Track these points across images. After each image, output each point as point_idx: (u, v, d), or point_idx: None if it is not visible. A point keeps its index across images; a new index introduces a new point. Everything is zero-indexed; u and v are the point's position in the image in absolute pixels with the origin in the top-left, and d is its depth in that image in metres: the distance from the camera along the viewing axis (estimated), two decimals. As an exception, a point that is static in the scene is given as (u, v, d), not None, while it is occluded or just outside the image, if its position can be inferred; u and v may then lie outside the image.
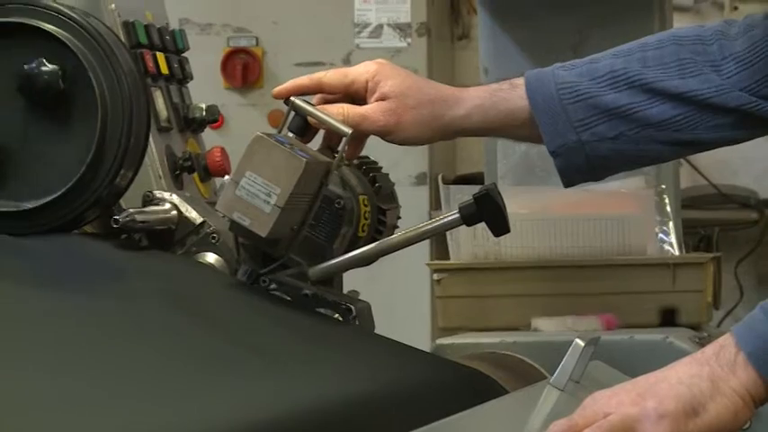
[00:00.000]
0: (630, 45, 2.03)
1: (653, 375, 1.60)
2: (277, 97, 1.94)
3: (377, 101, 1.93)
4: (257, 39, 4.05)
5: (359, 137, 1.91)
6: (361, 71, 1.96)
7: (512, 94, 2.00)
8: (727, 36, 1.96)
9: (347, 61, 3.97)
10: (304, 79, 1.95)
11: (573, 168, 2.01)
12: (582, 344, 1.73)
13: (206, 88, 2.30)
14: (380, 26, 4.02)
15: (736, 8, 5.02)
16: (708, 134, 1.99)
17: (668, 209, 2.66)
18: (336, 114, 1.89)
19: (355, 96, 1.96)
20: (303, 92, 1.94)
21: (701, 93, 1.94)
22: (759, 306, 1.59)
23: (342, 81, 1.95)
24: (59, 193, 1.65)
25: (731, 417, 1.56)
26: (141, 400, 1.28)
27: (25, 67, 1.64)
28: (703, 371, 1.56)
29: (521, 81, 2.00)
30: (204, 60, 2.52)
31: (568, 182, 2.04)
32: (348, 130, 1.87)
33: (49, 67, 1.63)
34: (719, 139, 2.01)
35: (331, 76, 1.95)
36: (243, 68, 4.01)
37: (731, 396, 1.54)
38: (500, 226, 1.95)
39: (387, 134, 1.94)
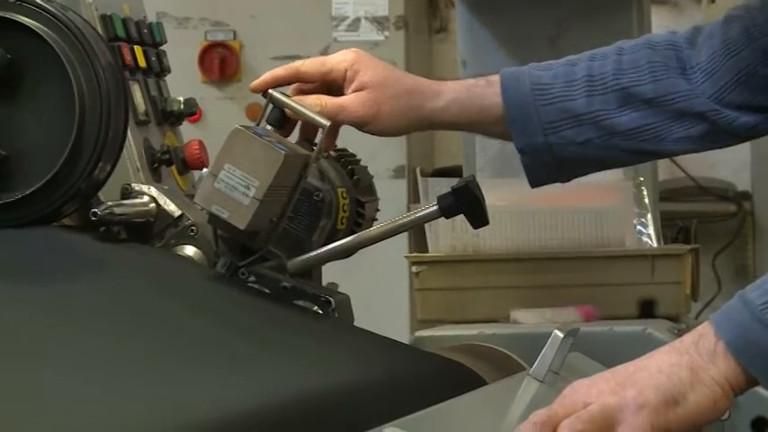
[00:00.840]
0: (607, 49, 2.05)
1: (632, 364, 1.61)
2: (255, 91, 1.93)
3: (355, 91, 1.93)
4: (235, 32, 4.06)
5: (335, 127, 1.90)
6: (339, 60, 1.96)
7: (487, 90, 2.00)
8: (693, 44, 1.99)
9: (325, 54, 3.97)
10: (280, 70, 1.94)
11: (539, 168, 2.03)
12: (561, 335, 1.73)
13: (184, 82, 2.29)
14: (358, 19, 4.03)
15: (713, 1, 5.02)
16: (671, 146, 2.03)
17: (646, 201, 2.67)
18: (314, 105, 1.89)
19: (332, 86, 1.95)
20: (281, 83, 1.94)
21: (670, 98, 1.96)
22: (737, 295, 1.60)
23: (319, 70, 1.95)
24: (38, 185, 1.65)
25: (711, 406, 1.56)
26: (123, 389, 1.28)
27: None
28: (683, 360, 1.56)
29: (496, 78, 2.00)
30: (182, 54, 2.52)
31: (534, 180, 2.05)
32: (326, 122, 1.86)
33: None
34: (680, 151, 2.06)
35: (308, 65, 1.95)
36: (220, 62, 4.02)
37: (711, 385, 1.55)
38: (479, 218, 1.95)
39: (365, 125, 1.94)
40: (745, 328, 1.55)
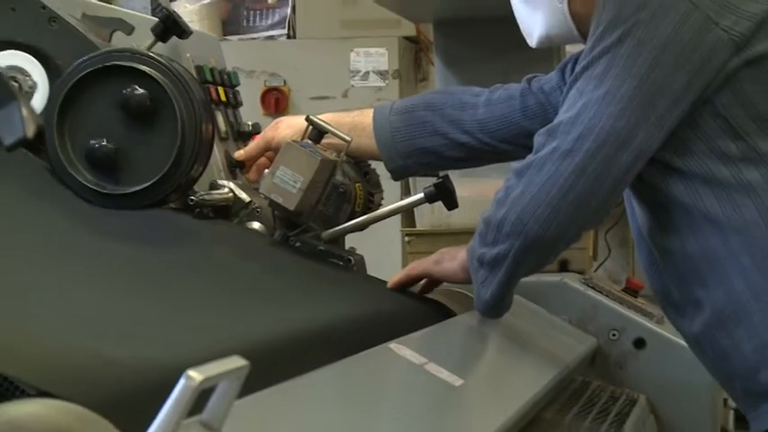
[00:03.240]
0: (437, 98, 2.06)
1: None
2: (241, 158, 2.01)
3: None
4: (285, 80, 4.04)
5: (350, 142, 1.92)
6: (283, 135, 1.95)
7: (362, 134, 1.99)
8: (489, 101, 2.00)
9: (345, 95, 3.97)
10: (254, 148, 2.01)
11: (398, 176, 2.07)
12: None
13: (250, 113, 2.29)
14: (368, 72, 4.01)
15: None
16: (477, 165, 2.13)
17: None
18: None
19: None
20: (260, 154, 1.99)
21: (469, 137, 1.97)
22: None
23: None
24: (153, 180, 1.64)
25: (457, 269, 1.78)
26: (211, 315, 1.28)
27: (123, 91, 1.64)
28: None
29: (370, 120, 2.01)
30: (249, 94, 2.51)
31: (397, 179, 2.12)
32: (349, 138, 1.86)
33: (139, 91, 1.63)
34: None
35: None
36: (275, 100, 4.00)
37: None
38: (451, 203, 1.95)
39: None
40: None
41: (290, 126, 1.95)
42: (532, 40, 1.86)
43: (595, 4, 1.70)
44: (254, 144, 1.99)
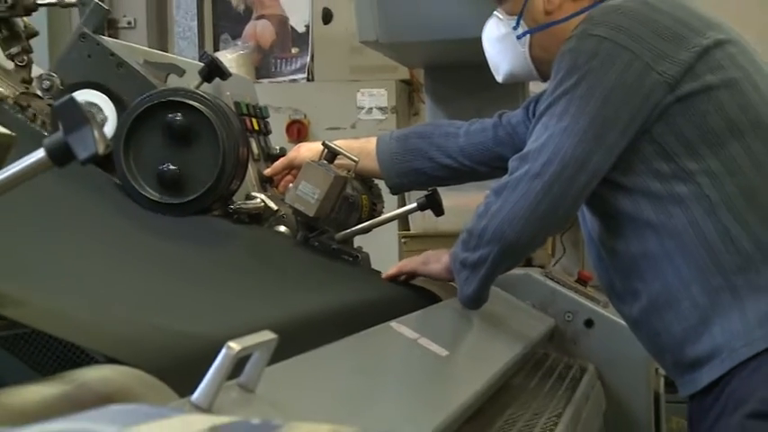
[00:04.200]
0: (427, 129, 2.07)
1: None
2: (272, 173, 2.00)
3: None
4: (305, 114, 4.03)
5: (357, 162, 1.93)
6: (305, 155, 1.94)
7: (367, 157, 1.99)
8: (468, 131, 2.00)
9: (353, 126, 3.97)
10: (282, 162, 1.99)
11: (396, 191, 2.08)
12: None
13: (277, 140, 2.28)
14: (371, 108, 4.01)
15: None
16: (458, 183, 2.08)
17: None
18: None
19: None
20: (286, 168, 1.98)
21: (452, 161, 1.98)
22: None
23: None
24: (199, 193, 1.63)
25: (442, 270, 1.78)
26: (244, 300, 1.27)
27: (167, 116, 1.64)
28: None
29: (373, 146, 2.02)
30: (277, 125, 2.51)
31: (395, 194, 2.12)
32: (356, 159, 1.85)
33: (181, 119, 1.62)
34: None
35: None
36: (297, 130, 3.99)
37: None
38: (439, 212, 1.95)
39: None
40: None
41: (309, 149, 1.94)
42: (499, 77, 1.86)
43: (551, 51, 1.71)
44: (280, 163, 1.98)
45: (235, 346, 0.71)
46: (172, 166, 1.64)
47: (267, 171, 1.99)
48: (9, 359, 0.85)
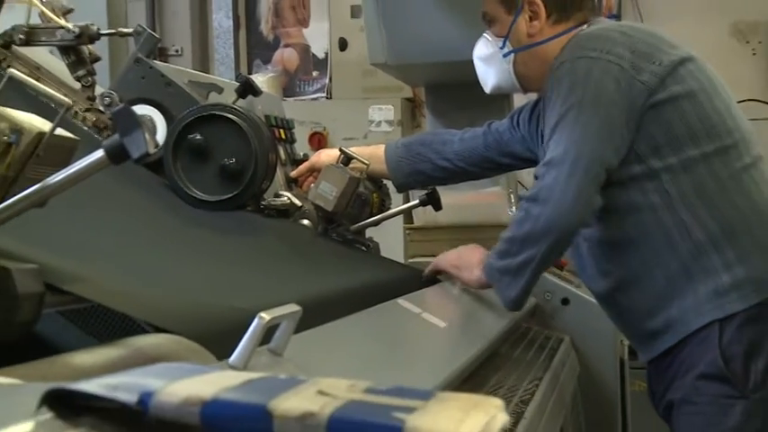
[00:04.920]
0: (427, 137, 2.04)
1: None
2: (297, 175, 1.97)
3: None
4: (324, 127, 4.01)
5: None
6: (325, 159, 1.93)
7: (378, 161, 1.96)
8: (462, 138, 1.97)
9: (365, 137, 3.94)
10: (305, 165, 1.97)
11: (402, 190, 2.05)
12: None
13: (301, 148, 2.27)
14: (380, 122, 3.98)
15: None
16: (454, 183, 2.04)
17: (512, 199, 2.62)
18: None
19: None
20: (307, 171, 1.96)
21: (449, 163, 1.94)
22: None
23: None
24: (236, 192, 1.63)
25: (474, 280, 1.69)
26: (273, 280, 1.26)
27: (209, 127, 1.63)
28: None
29: (382, 152, 1.99)
30: (300, 136, 2.50)
31: (401, 192, 2.08)
32: (367, 163, 1.85)
33: (220, 129, 1.62)
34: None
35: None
36: (318, 140, 3.96)
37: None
38: (437, 207, 1.95)
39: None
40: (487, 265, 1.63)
41: (328, 155, 1.93)
42: (487, 89, 1.85)
43: (532, 68, 1.73)
44: (304, 166, 1.97)
45: (265, 316, 0.71)
46: (212, 169, 1.64)
47: (293, 173, 1.98)
48: (73, 329, 0.84)
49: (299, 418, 0.38)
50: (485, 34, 1.80)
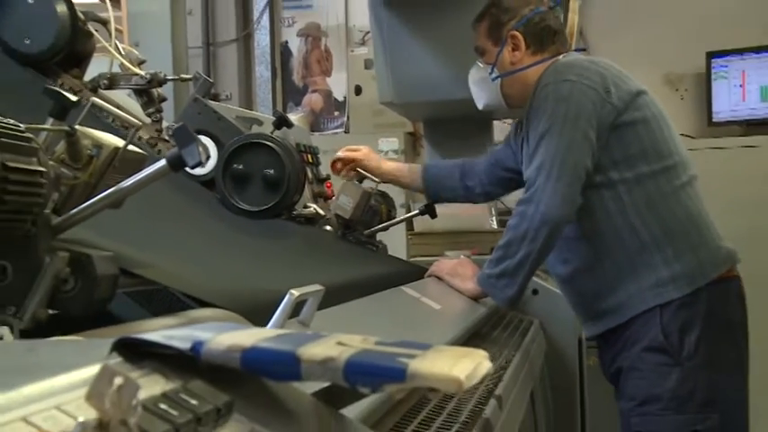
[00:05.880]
0: (458, 161, 1.96)
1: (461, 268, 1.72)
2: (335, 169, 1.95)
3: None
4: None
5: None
6: (365, 151, 1.94)
7: (414, 176, 1.94)
8: (477, 163, 1.93)
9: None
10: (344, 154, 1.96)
11: (435, 201, 1.97)
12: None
13: (324, 170, 2.26)
14: (387, 151, 3.93)
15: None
16: (475, 202, 2.01)
17: (492, 212, 2.59)
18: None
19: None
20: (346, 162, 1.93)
21: (472, 182, 1.91)
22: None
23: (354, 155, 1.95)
24: (272, 204, 1.61)
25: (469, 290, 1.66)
26: (301, 271, 1.25)
27: (251, 152, 1.61)
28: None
29: (418, 171, 1.96)
30: (324, 162, 2.49)
31: (434, 203, 1.97)
32: (378, 181, 1.84)
33: (260, 154, 1.60)
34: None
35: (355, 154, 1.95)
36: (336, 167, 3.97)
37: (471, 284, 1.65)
38: (433, 216, 1.93)
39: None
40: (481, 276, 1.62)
41: (365, 153, 1.94)
42: (480, 106, 1.84)
43: (515, 89, 1.72)
44: (346, 155, 1.96)
45: (295, 292, 0.70)
46: (254, 186, 1.63)
47: (337, 153, 1.97)
48: (136, 308, 0.83)
49: (321, 361, 0.37)
50: (477, 62, 1.79)
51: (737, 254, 1.65)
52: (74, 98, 0.74)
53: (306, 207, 1.82)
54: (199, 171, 1.63)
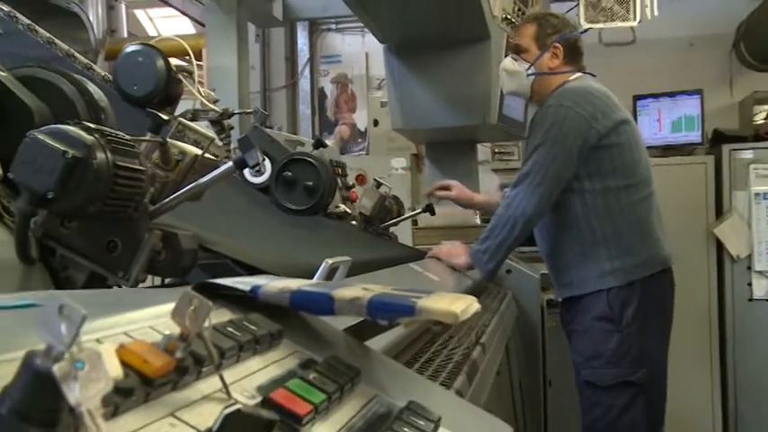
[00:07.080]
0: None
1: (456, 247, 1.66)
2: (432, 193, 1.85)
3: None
4: (365, 171, 3.88)
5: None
6: (456, 183, 1.83)
7: (486, 203, 1.87)
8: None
9: (389, 176, 3.78)
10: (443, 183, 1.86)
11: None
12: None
13: (351, 180, 2.23)
14: (398, 168, 3.91)
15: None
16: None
17: (477, 212, 2.57)
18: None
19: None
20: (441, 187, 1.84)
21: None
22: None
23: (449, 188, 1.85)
24: (311, 204, 1.59)
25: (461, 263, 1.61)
26: (333, 252, 1.24)
27: (297, 166, 1.59)
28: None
29: (484, 197, 1.86)
30: (350, 175, 2.47)
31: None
32: (391, 187, 1.82)
33: (303, 168, 1.58)
34: None
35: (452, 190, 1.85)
36: (360, 179, 3.78)
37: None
38: (433, 214, 1.91)
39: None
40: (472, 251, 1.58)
41: (458, 187, 1.84)
42: (505, 91, 1.77)
43: (543, 85, 1.66)
44: (441, 184, 1.88)
45: (329, 260, 0.69)
46: (298, 191, 1.62)
47: (434, 185, 1.87)
48: (206, 278, 0.82)
49: (350, 300, 0.36)
50: (511, 55, 1.72)
51: (672, 257, 1.63)
52: (165, 117, 0.73)
53: (337, 207, 1.81)
54: (258, 180, 1.63)
